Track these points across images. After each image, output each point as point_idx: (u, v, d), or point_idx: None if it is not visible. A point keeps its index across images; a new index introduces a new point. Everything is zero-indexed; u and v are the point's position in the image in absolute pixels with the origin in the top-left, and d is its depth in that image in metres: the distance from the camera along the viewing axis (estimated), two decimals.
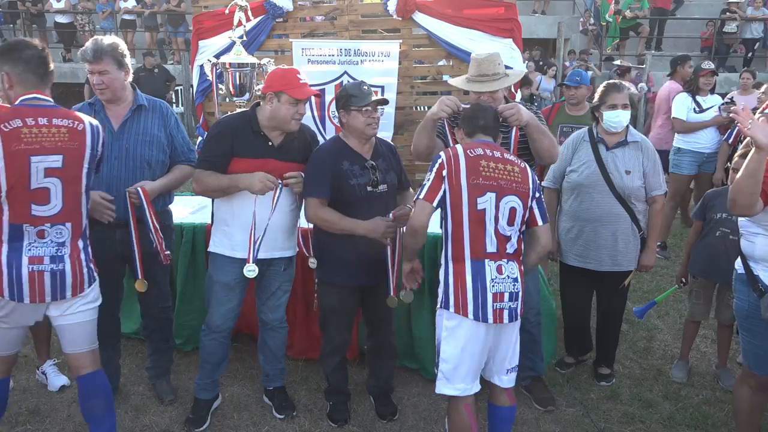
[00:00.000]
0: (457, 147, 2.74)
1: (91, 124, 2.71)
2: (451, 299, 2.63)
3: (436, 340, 2.75)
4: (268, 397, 3.48)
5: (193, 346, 3.91)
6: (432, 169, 2.68)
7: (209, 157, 3.02)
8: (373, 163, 3.07)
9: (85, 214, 2.71)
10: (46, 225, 2.54)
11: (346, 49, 4.68)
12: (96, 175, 2.83)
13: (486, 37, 4.50)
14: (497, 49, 4.12)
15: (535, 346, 3.52)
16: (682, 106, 6.05)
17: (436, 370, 2.72)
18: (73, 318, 2.67)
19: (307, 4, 4.90)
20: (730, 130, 5.61)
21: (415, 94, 5.02)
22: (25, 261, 2.50)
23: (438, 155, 2.71)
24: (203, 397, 3.35)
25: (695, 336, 4.02)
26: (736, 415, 2.97)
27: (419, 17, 4.58)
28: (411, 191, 3.33)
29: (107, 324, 3.39)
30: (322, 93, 4.74)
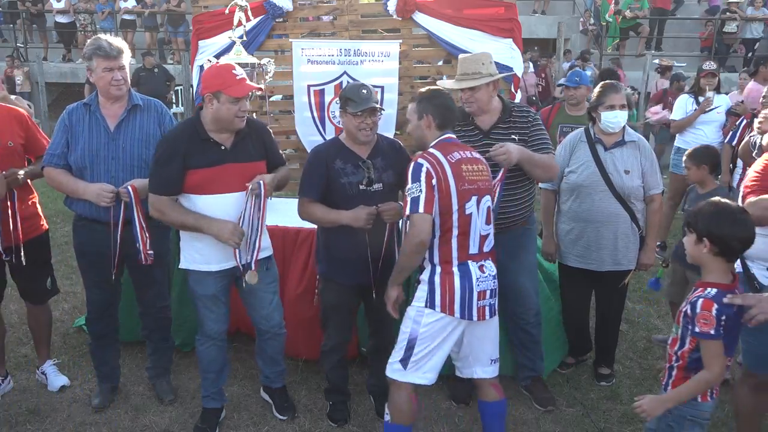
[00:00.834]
0: (435, 153, 2.69)
1: None
2: (437, 300, 2.68)
3: (400, 332, 2.80)
4: (268, 394, 3.47)
5: (191, 347, 3.90)
6: (419, 179, 2.62)
7: (162, 180, 2.87)
8: (369, 161, 3.06)
9: None
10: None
11: (345, 49, 4.67)
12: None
13: (486, 37, 4.49)
14: (497, 49, 4.13)
15: (534, 347, 3.52)
16: (682, 107, 6.04)
17: (395, 361, 2.79)
18: None
19: (306, 3, 4.90)
20: (733, 132, 5.61)
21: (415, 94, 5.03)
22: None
23: (419, 163, 2.65)
24: (211, 407, 3.29)
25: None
26: (737, 415, 2.97)
27: (419, 17, 4.58)
28: None
29: (106, 324, 3.42)
30: (321, 93, 4.74)
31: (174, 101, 13.05)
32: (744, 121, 5.59)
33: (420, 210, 2.60)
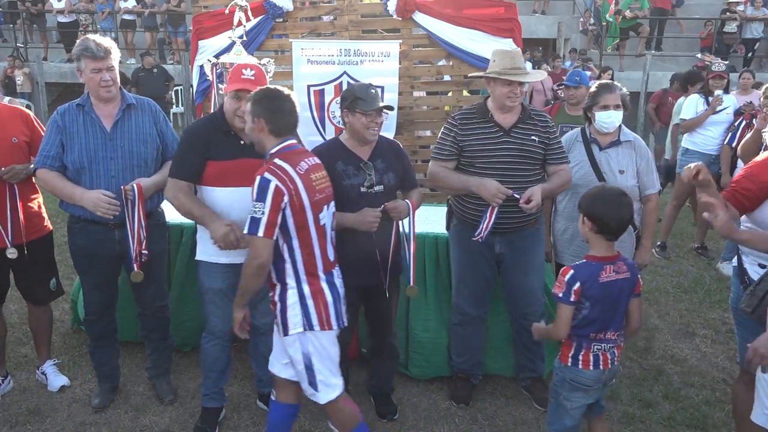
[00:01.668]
0: (285, 167, 2.52)
1: None
2: (314, 319, 2.58)
3: (294, 361, 2.65)
4: (263, 402, 3.46)
5: (191, 347, 3.91)
6: (264, 198, 2.44)
7: (184, 166, 2.95)
8: (370, 163, 3.06)
9: None
10: None
11: (346, 49, 4.68)
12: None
13: (486, 37, 4.50)
14: (497, 48, 4.13)
15: (536, 347, 3.51)
16: (693, 107, 6.05)
17: (306, 388, 2.67)
18: None
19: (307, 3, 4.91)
20: (733, 133, 5.62)
21: (415, 94, 5.02)
22: None
23: (266, 179, 2.47)
24: (211, 406, 3.29)
25: None
26: (736, 415, 2.98)
27: (419, 17, 4.58)
28: (420, 190, 3.32)
29: (105, 324, 3.41)
30: (321, 93, 4.74)
31: (174, 101, 13.05)
32: (743, 122, 5.59)
33: (260, 233, 2.45)
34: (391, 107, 3.11)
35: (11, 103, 4.16)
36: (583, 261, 2.56)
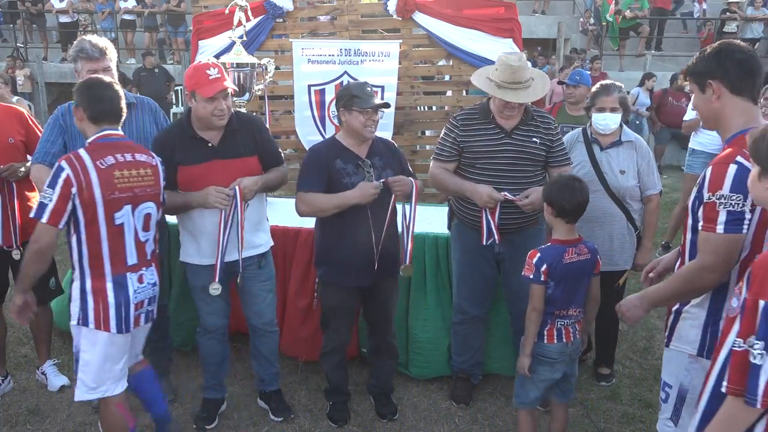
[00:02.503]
0: (83, 157, 2.50)
1: None
2: (90, 316, 2.55)
3: (74, 348, 2.67)
4: (264, 401, 3.47)
5: (191, 347, 3.91)
6: (55, 185, 2.43)
7: None
8: (368, 161, 3.06)
9: None
10: None
11: (346, 49, 4.68)
12: None
13: (486, 37, 4.50)
14: (497, 49, 4.13)
15: None
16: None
17: (78, 382, 2.65)
18: None
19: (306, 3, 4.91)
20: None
21: (415, 94, 5.02)
22: None
23: (60, 167, 2.46)
24: (212, 397, 3.35)
25: None
26: None
27: (419, 17, 4.59)
28: (420, 181, 3.31)
29: None
30: (322, 93, 4.75)
31: (174, 101, 13.05)
32: None
33: (43, 219, 2.44)
34: (387, 104, 3.11)
35: (19, 103, 4.18)
36: (548, 245, 2.78)
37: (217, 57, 4.14)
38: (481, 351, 3.59)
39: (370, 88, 3.03)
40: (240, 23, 4.08)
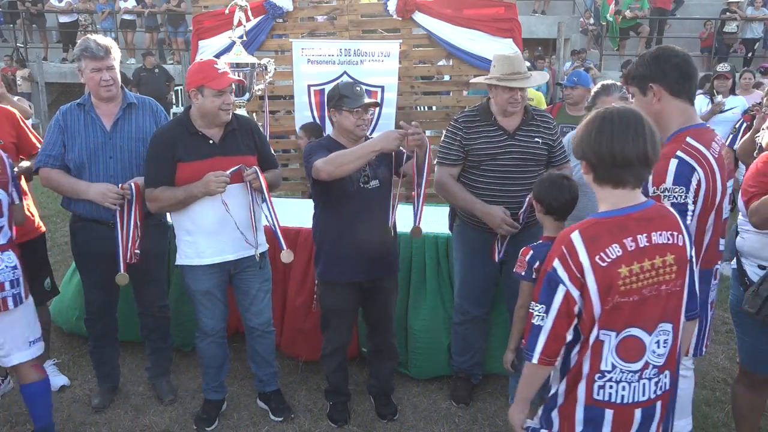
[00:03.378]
0: None
1: None
2: None
3: None
4: (263, 401, 3.47)
5: (191, 347, 3.90)
6: None
7: (156, 175, 2.96)
8: None
9: None
10: None
11: (346, 49, 4.68)
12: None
13: (486, 37, 4.50)
14: (497, 49, 4.14)
15: None
16: (696, 107, 6.08)
17: None
18: None
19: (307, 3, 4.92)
20: (733, 136, 5.62)
21: (415, 94, 5.03)
22: None
23: None
24: (213, 398, 3.35)
25: None
26: (736, 415, 2.98)
27: (419, 17, 4.59)
28: None
29: (106, 323, 3.41)
30: (322, 93, 4.75)
31: (174, 101, 13.06)
32: (744, 124, 5.60)
33: None
34: (377, 103, 3.10)
35: (20, 102, 4.17)
36: (540, 242, 2.77)
37: (217, 57, 4.15)
38: (481, 351, 3.59)
39: (359, 88, 3.03)
40: (240, 23, 4.09)
